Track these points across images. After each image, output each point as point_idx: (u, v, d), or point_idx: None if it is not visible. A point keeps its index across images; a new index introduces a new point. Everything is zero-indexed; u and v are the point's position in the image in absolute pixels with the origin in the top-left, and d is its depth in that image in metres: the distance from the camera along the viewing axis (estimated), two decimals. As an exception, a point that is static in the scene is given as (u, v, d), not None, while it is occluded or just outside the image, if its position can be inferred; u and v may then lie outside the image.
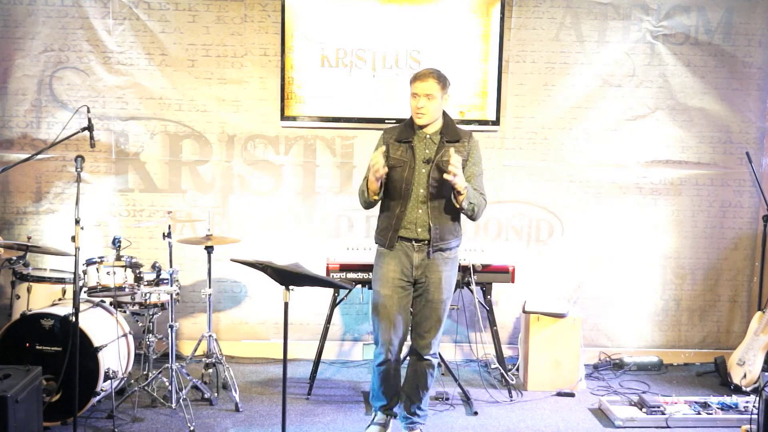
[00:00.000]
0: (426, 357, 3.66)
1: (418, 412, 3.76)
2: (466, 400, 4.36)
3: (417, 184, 3.51)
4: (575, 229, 5.19)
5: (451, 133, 3.56)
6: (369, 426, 3.82)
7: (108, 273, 4.01)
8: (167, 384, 4.14)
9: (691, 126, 5.17)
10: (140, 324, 4.37)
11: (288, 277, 3.19)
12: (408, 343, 3.77)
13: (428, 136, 3.54)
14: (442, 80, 3.50)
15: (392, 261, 3.56)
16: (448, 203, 3.53)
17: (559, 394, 4.56)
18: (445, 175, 3.36)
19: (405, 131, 3.57)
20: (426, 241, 3.53)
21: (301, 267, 3.24)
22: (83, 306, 3.99)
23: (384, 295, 3.56)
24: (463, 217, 3.62)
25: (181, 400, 4.00)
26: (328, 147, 5.09)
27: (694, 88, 5.13)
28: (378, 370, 3.68)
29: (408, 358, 3.85)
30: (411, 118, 3.58)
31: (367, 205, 3.63)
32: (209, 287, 4.42)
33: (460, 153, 3.50)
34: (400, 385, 3.78)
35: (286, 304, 3.19)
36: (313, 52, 4.94)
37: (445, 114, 3.60)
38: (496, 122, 5.05)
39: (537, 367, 4.63)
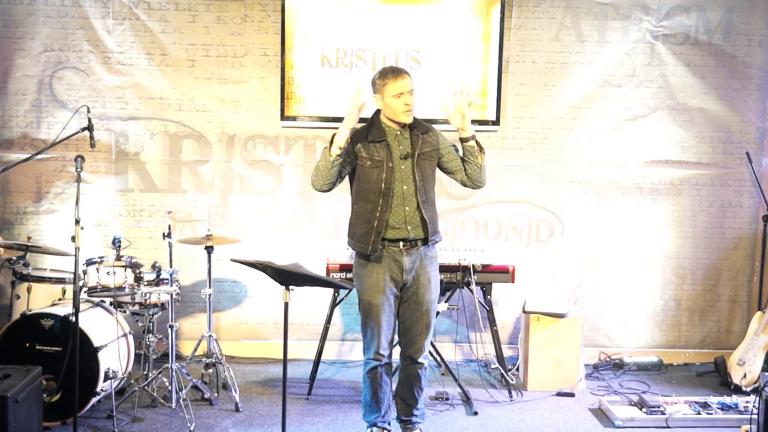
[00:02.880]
0: (419, 360, 3.64)
1: (415, 412, 3.73)
2: (466, 400, 4.36)
3: (400, 182, 3.47)
4: (575, 229, 5.19)
5: (420, 126, 3.56)
6: None
7: (108, 273, 4.02)
8: (167, 384, 4.14)
9: (691, 126, 5.17)
10: (140, 324, 4.37)
11: (288, 277, 3.19)
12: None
13: (399, 132, 3.52)
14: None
15: (380, 269, 3.49)
16: (433, 195, 3.55)
17: (559, 394, 4.56)
18: (459, 101, 3.40)
19: (375, 131, 3.51)
20: (417, 240, 3.50)
21: (301, 267, 3.24)
22: (83, 306, 3.99)
23: (376, 304, 3.50)
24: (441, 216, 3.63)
25: (181, 400, 4.00)
26: (328, 147, 5.08)
27: (694, 88, 5.13)
28: (369, 377, 3.63)
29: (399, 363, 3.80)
30: (374, 118, 3.56)
31: (326, 177, 3.41)
32: (209, 287, 4.42)
33: (431, 144, 3.54)
34: (392, 392, 3.75)
35: (286, 304, 3.19)
36: (313, 52, 4.94)
37: None
38: (496, 122, 5.05)
39: (537, 367, 4.63)
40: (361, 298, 3.57)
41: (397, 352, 3.70)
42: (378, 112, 3.57)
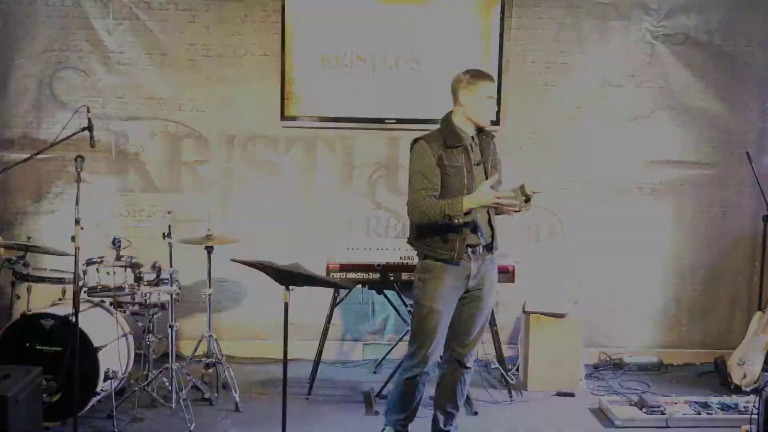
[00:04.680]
0: (468, 365, 3.57)
1: (453, 422, 3.65)
2: (466, 399, 4.35)
3: (475, 188, 3.36)
4: (575, 229, 5.19)
5: (487, 132, 3.49)
6: None
7: (108, 273, 4.01)
8: (167, 384, 4.14)
9: (691, 126, 5.17)
10: (140, 324, 4.36)
11: (288, 277, 3.19)
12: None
13: (472, 138, 3.44)
14: None
15: (450, 276, 3.39)
16: None
17: (559, 394, 4.56)
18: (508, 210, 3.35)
19: (452, 136, 3.36)
20: (484, 246, 3.44)
21: (301, 267, 3.24)
22: (83, 306, 3.98)
23: (438, 311, 3.40)
24: None
25: (181, 400, 4.00)
26: (328, 147, 5.08)
27: (694, 88, 5.13)
28: (408, 382, 3.51)
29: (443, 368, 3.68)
30: (449, 122, 3.41)
31: (430, 220, 3.31)
32: (209, 287, 4.42)
33: (495, 152, 3.49)
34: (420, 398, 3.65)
35: (286, 304, 3.19)
36: (313, 52, 4.94)
37: None
38: (496, 122, 5.03)
39: (537, 367, 4.63)
40: (422, 304, 3.41)
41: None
42: (450, 115, 3.43)
